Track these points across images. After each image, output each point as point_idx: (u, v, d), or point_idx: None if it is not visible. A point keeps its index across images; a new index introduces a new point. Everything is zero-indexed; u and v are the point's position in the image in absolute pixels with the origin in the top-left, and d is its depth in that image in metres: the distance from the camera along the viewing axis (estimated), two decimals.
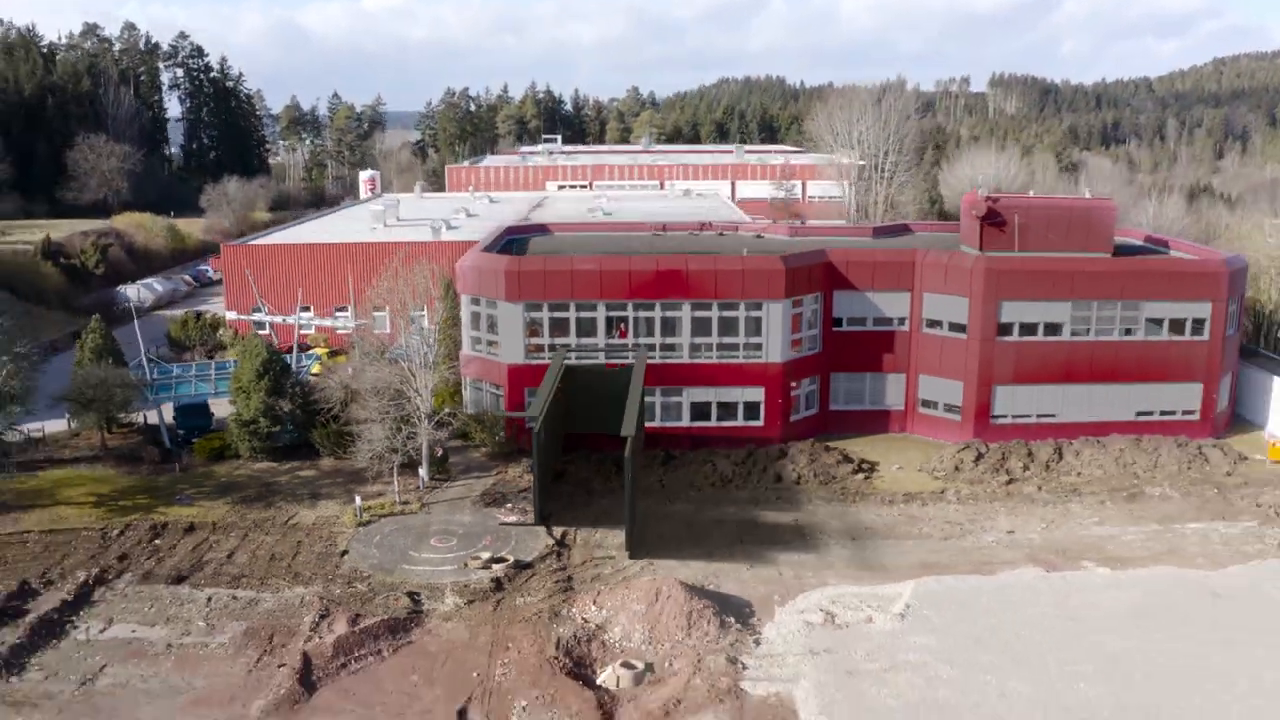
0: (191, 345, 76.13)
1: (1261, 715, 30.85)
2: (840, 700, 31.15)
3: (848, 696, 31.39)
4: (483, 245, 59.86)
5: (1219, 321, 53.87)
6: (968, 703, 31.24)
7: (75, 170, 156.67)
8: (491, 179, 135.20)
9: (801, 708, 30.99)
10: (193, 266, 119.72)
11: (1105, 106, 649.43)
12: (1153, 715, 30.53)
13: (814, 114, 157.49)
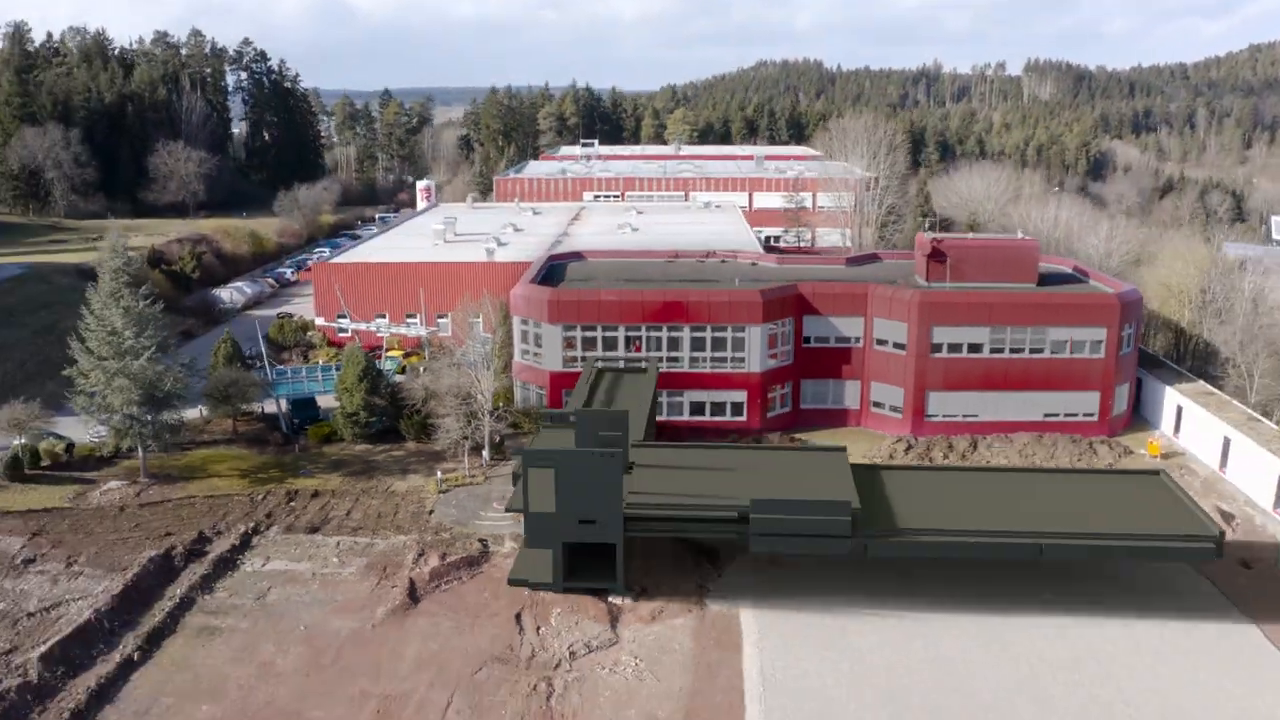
0: (288, 345, 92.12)
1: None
2: (769, 613, 46.44)
3: (774, 611, 46.66)
4: (530, 276, 75.19)
5: (1113, 343, 68.29)
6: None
7: (155, 174, 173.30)
8: (534, 190, 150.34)
9: (743, 617, 46.33)
10: (273, 268, 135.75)
11: (1138, 93, 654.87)
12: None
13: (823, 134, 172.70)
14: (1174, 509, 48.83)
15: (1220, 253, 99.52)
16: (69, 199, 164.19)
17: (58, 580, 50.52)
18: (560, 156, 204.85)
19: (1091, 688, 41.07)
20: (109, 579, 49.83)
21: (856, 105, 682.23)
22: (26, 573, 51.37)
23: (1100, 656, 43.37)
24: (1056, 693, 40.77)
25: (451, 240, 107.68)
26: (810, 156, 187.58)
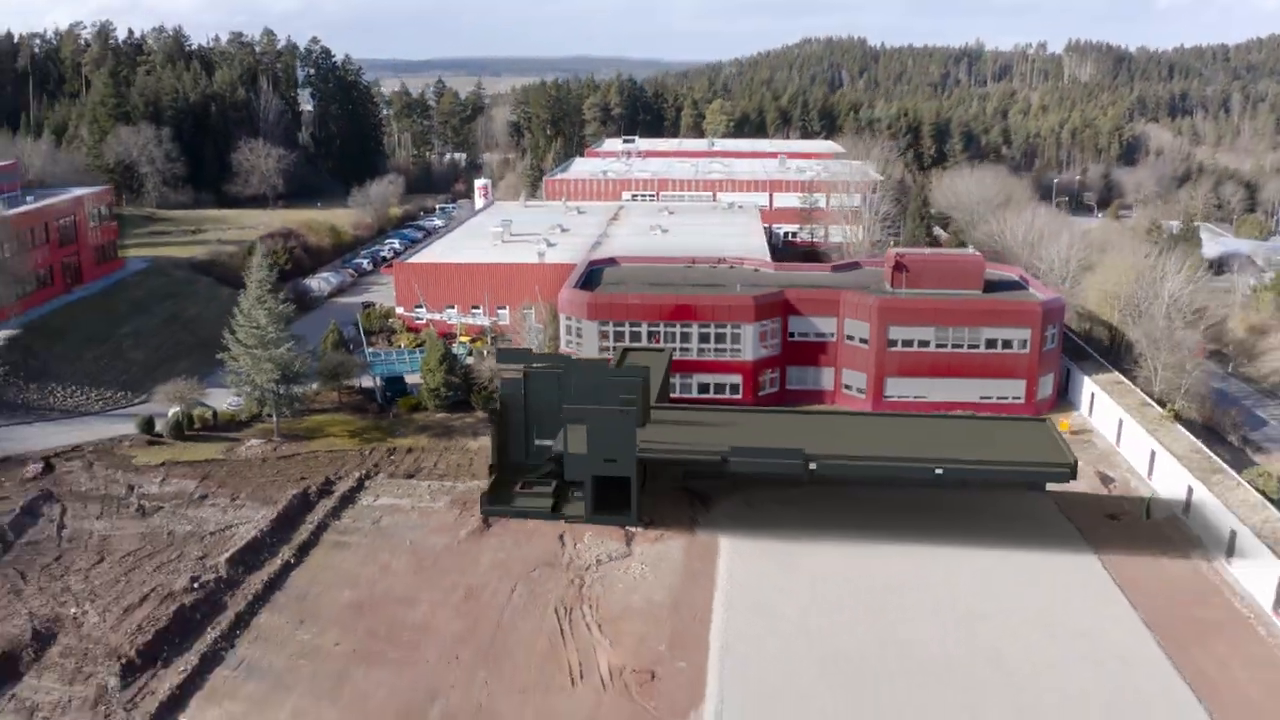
0: (374, 331, 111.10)
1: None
2: (740, 539, 64.88)
3: (744, 538, 65.08)
4: (573, 280, 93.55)
5: (1036, 341, 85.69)
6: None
7: (238, 168, 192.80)
8: (578, 190, 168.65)
9: (721, 541, 64.82)
10: (351, 259, 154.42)
11: (1177, 75, 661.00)
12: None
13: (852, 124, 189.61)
14: (1047, 446, 66.11)
15: (1189, 255, 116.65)
16: (160, 191, 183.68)
17: (226, 510, 69.61)
18: (603, 152, 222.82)
19: (952, 591, 59.09)
20: (264, 509, 68.80)
21: (899, 83, 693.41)
22: (203, 505, 70.49)
23: (969, 570, 61.39)
24: (933, 581, 58.83)
25: (509, 240, 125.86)
26: (831, 154, 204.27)
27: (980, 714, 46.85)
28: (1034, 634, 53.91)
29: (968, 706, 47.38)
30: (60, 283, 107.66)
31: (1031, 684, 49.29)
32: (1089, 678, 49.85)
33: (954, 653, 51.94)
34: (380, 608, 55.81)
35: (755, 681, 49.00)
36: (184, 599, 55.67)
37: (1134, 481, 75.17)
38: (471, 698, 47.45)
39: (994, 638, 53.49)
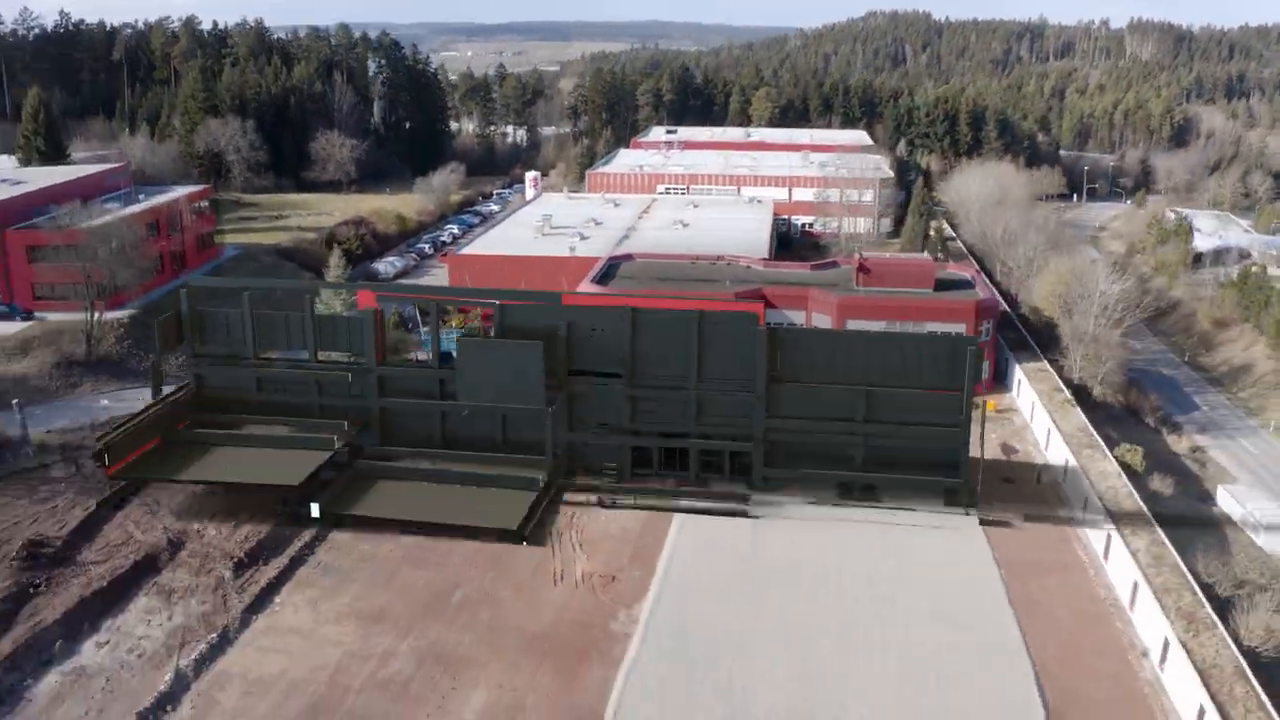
0: (429, 312, 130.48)
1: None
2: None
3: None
4: (592, 275, 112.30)
5: (971, 333, 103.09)
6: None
7: (315, 157, 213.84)
8: (617, 183, 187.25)
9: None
10: (414, 243, 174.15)
11: (1237, 55, 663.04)
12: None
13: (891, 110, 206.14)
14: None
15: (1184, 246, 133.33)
16: (245, 177, 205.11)
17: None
18: (647, 142, 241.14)
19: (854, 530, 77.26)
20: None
21: (961, 59, 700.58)
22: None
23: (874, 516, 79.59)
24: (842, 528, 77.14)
25: (549, 233, 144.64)
26: (857, 146, 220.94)
27: (844, 607, 65.29)
28: (900, 560, 72.14)
29: (836, 600, 65.87)
30: (169, 269, 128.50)
31: (889, 593, 67.59)
32: (935, 593, 67.92)
33: (831, 565, 70.43)
34: (427, 530, 74.96)
35: (686, 585, 67.92)
36: (278, 519, 75.46)
37: (1034, 453, 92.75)
38: (482, 588, 66.83)
39: (869, 559, 71.86)
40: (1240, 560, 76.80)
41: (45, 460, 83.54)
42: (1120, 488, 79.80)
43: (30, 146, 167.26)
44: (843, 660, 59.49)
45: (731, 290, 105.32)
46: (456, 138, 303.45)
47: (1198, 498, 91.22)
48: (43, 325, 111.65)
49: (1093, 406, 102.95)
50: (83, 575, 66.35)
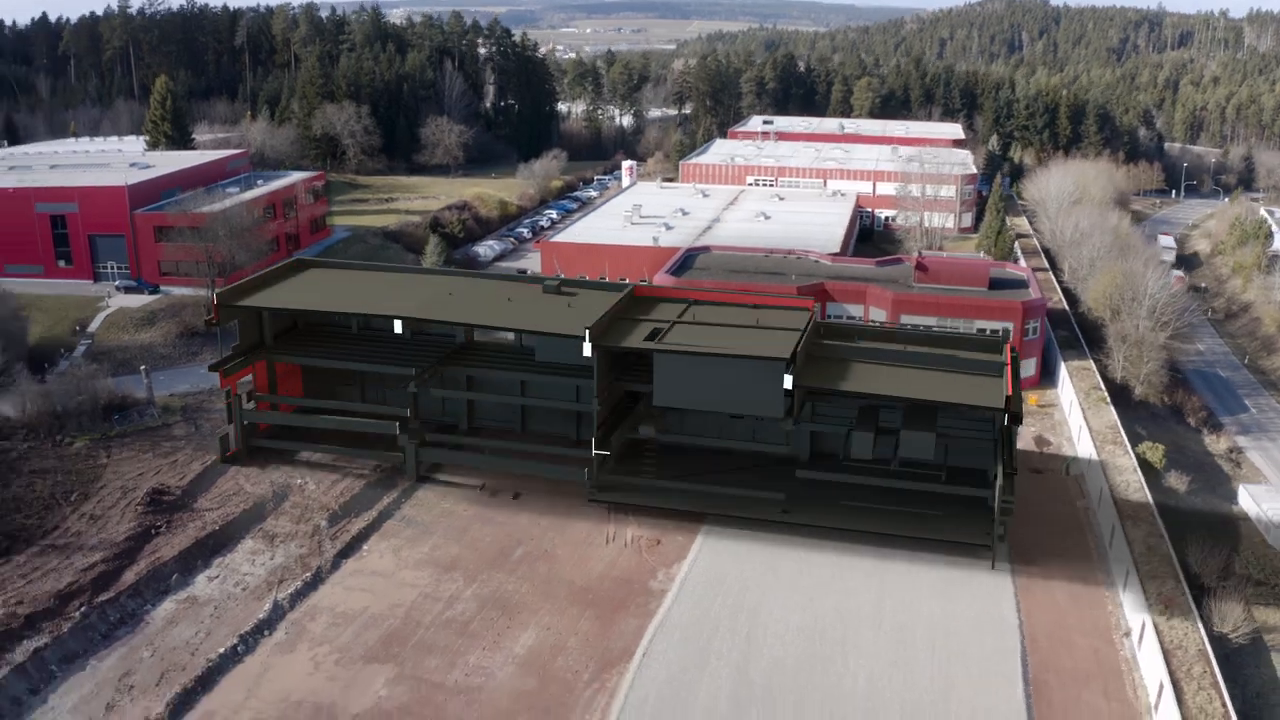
0: None
1: None
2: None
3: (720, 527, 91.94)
4: (668, 266, 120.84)
5: (1018, 331, 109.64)
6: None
7: (425, 141, 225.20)
8: (708, 174, 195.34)
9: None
10: (514, 228, 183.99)
11: None
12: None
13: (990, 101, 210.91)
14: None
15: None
16: (359, 159, 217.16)
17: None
18: (744, 132, 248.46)
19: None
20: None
21: (1077, 47, 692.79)
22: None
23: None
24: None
25: (637, 222, 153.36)
26: (949, 141, 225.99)
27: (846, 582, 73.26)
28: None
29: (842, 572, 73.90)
30: (284, 249, 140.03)
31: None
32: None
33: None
34: (501, 493, 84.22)
35: (721, 548, 76.47)
36: (370, 479, 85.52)
37: (1066, 447, 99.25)
38: (541, 546, 76.13)
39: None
40: (1245, 556, 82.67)
41: (168, 420, 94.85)
42: (1133, 482, 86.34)
43: (158, 131, 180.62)
44: (844, 626, 67.51)
45: (795, 284, 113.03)
46: (564, 121, 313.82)
47: (1221, 496, 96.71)
48: (167, 299, 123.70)
49: (1132, 405, 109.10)
50: (198, 520, 77.07)
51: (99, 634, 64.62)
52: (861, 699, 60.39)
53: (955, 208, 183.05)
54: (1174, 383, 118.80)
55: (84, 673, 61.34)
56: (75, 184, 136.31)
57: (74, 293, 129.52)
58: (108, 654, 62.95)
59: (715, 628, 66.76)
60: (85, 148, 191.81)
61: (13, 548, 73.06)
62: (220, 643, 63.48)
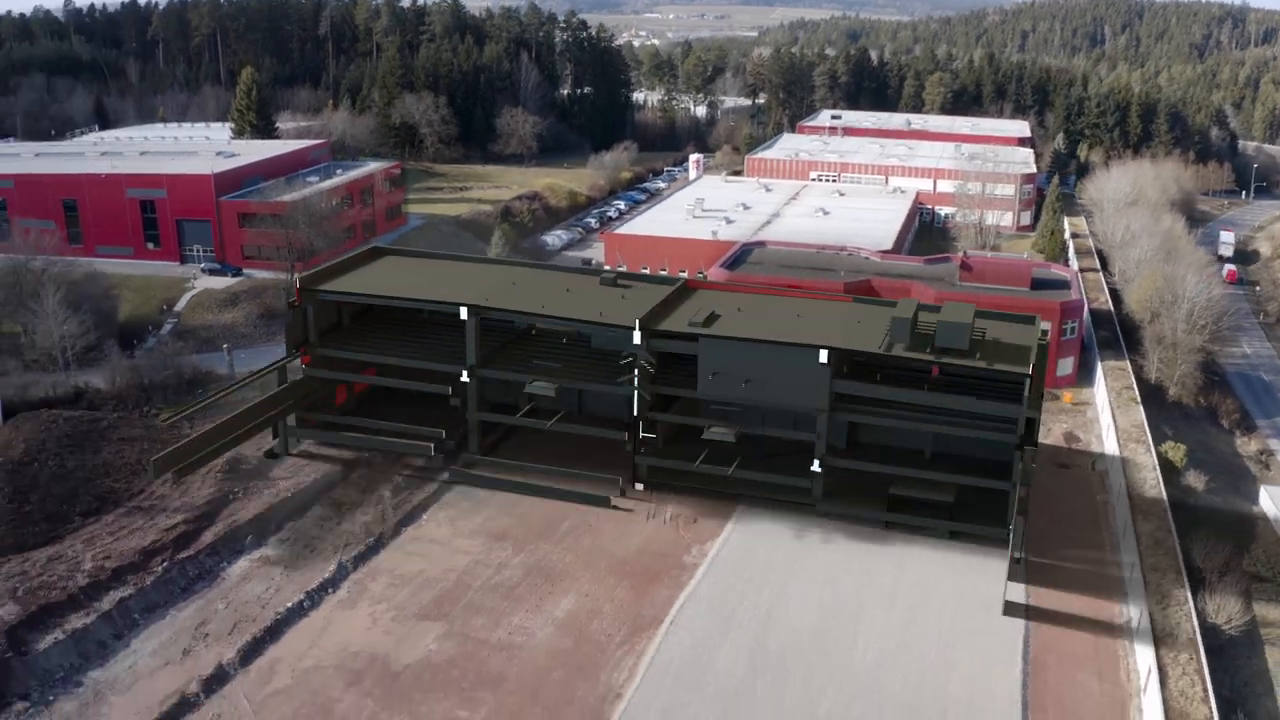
0: None
1: None
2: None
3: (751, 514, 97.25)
4: (723, 260, 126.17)
5: (1055, 331, 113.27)
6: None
7: (501, 131, 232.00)
8: (774, 169, 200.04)
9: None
10: (582, 218, 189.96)
11: None
12: None
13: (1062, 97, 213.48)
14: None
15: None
16: (436, 148, 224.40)
17: None
18: (813, 127, 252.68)
19: None
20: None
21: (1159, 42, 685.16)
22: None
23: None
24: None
25: (699, 216, 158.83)
26: (1015, 139, 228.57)
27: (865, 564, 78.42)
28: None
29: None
30: (360, 236, 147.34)
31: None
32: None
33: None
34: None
35: (753, 529, 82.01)
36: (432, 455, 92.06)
37: (1095, 444, 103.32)
38: (586, 521, 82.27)
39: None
40: (1255, 554, 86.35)
41: (247, 396, 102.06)
42: (1150, 479, 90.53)
43: (243, 120, 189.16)
44: (860, 605, 72.79)
45: (843, 280, 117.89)
46: (639, 111, 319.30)
47: (1244, 496, 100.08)
48: (249, 281, 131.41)
49: (1165, 406, 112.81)
50: (272, 487, 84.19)
51: (178, 587, 71.92)
52: (869, 670, 65.74)
53: (1014, 206, 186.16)
54: (1210, 385, 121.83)
55: (164, 621, 68.60)
56: (164, 171, 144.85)
57: (161, 274, 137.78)
58: (186, 605, 70.19)
59: (740, 601, 72.42)
60: (173, 134, 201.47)
61: (102, 508, 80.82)
62: (288, 598, 70.39)
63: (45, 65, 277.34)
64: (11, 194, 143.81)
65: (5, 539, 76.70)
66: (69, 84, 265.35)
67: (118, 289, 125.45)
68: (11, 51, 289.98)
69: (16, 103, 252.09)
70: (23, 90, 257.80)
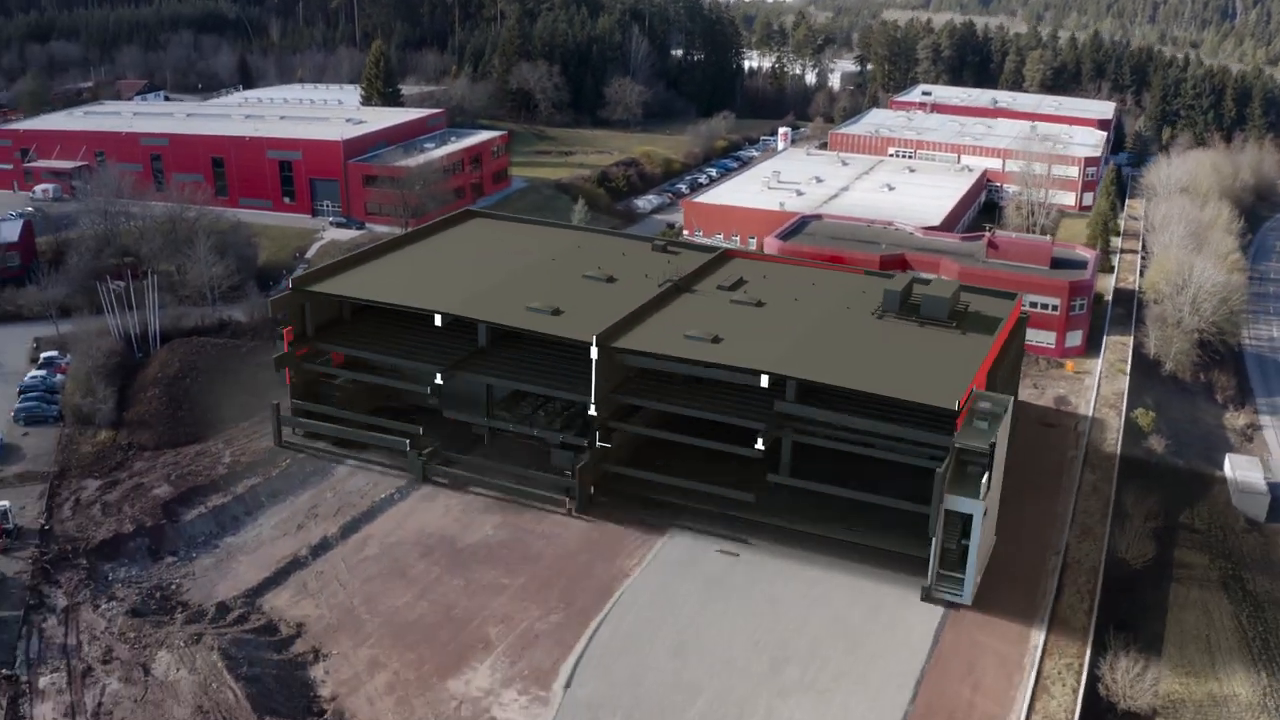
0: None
1: None
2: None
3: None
4: (779, 231, 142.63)
5: (1064, 306, 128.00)
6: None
7: (609, 99, 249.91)
8: (854, 144, 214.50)
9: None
10: (674, 184, 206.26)
11: None
12: None
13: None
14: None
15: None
16: (549, 112, 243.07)
17: None
18: (903, 102, 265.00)
19: None
20: None
21: None
22: None
23: None
24: None
25: (774, 187, 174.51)
26: (1094, 120, 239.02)
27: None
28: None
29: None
30: (469, 196, 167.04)
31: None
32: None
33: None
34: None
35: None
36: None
37: (1083, 408, 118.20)
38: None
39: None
40: (1198, 509, 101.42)
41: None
42: (1111, 439, 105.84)
43: (372, 88, 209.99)
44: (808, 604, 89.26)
45: (880, 254, 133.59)
46: (750, 78, 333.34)
47: (1214, 463, 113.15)
48: (369, 234, 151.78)
49: (1160, 379, 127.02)
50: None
51: (297, 480, 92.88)
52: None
53: (1077, 187, 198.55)
54: (1212, 363, 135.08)
55: (283, 504, 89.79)
56: (300, 136, 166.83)
57: (295, 225, 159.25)
58: (302, 493, 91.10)
59: (680, 591, 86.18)
60: (310, 95, 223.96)
61: (239, 417, 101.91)
62: (383, 491, 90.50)
63: (193, 23, 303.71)
64: (167, 151, 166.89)
65: (163, 437, 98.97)
66: (215, 41, 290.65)
67: (257, 237, 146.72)
68: (162, 8, 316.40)
69: (166, 58, 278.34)
70: (172, 46, 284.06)
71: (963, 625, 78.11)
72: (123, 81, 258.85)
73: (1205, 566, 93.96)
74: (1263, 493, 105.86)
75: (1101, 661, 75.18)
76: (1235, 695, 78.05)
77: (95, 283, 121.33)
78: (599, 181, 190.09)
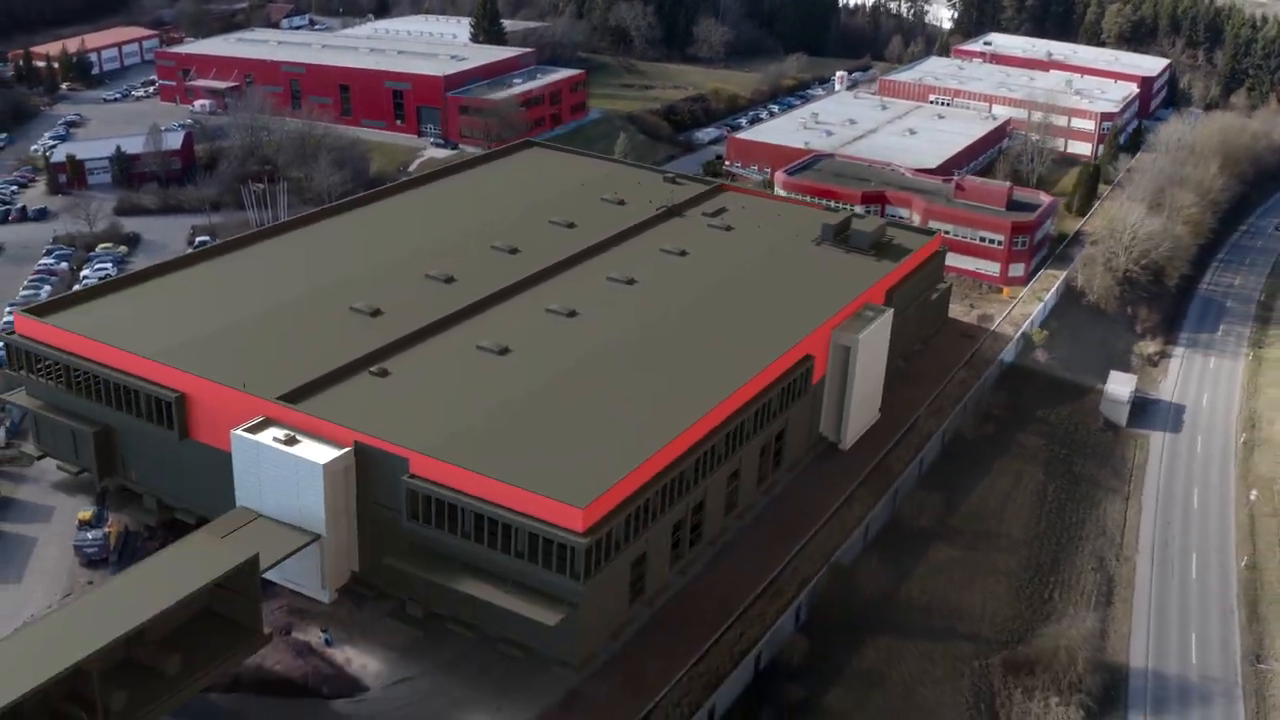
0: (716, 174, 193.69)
1: None
2: None
3: None
4: (790, 167, 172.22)
5: (1007, 241, 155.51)
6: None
7: (696, 37, 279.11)
8: (900, 90, 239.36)
9: None
10: (734, 119, 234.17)
11: None
12: None
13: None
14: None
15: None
16: (641, 47, 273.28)
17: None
18: (966, 50, 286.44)
19: None
20: None
21: None
22: None
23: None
24: None
25: (809, 127, 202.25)
26: (1138, 77, 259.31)
27: None
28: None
29: None
30: (549, 124, 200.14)
31: None
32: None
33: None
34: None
35: None
36: None
37: (1009, 329, 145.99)
38: None
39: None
40: (1062, 411, 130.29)
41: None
42: (997, 348, 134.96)
43: (479, 26, 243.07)
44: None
45: (861, 190, 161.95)
46: (850, 16, 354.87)
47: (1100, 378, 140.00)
48: (461, 154, 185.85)
49: (1082, 307, 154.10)
50: None
51: None
52: None
53: (1094, 139, 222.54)
54: (1142, 299, 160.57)
55: None
56: (411, 70, 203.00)
57: (403, 143, 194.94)
58: None
59: None
60: (429, 28, 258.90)
61: None
62: None
63: None
64: (304, 77, 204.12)
65: None
66: None
67: (371, 152, 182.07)
68: None
69: None
70: None
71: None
72: (273, 4, 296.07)
73: (1040, 448, 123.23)
74: (1124, 401, 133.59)
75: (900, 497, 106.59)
76: (1008, 534, 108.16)
77: (240, 185, 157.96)
78: (665, 114, 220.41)
